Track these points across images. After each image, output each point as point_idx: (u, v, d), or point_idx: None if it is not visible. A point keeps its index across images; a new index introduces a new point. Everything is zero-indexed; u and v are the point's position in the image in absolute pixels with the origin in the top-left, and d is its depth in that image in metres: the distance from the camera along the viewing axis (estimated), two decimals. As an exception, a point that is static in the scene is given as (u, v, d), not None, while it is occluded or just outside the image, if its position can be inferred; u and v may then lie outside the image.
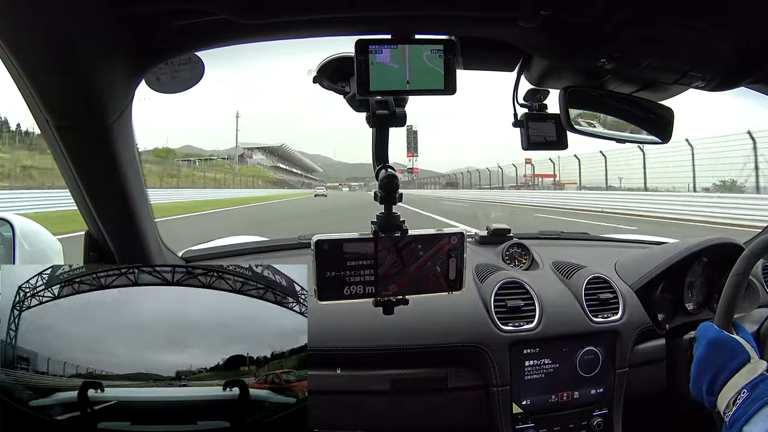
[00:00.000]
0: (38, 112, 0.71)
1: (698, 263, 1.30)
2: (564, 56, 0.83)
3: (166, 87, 0.80)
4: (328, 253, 0.70)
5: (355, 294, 0.72)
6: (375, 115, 0.73)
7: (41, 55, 0.63)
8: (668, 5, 0.69)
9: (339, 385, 1.08)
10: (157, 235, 1.06)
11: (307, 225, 10.92)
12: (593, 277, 1.24)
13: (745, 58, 0.80)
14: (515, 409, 1.10)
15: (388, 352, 1.08)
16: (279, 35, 0.76)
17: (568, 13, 0.68)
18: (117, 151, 0.79)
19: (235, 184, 46.41)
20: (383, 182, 0.70)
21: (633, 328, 1.19)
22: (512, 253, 1.43)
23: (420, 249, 0.73)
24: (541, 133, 0.92)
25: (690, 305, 1.30)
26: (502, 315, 1.14)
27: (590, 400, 1.15)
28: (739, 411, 0.72)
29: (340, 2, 0.68)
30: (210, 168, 53.39)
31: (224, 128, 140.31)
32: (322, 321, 1.06)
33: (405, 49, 0.69)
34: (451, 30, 0.76)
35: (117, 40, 0.67)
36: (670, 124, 0.97)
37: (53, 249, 1.11)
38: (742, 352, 0.78)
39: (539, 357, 1.12)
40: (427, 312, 1.09)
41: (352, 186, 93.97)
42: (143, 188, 0.92)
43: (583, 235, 1.78)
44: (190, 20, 0.69)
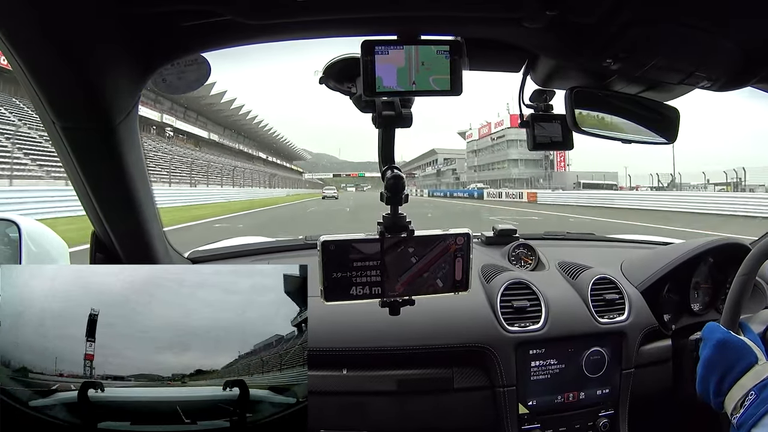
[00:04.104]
0: (44, 114, 0.72)
1: (704, 264, 1.30)
2: (570, 57, 0.82)
3: (173, 88, 0.80)
4: (334, 253, 0.70)
5: (361, 295, 0.72)
6: (381, 116, 0.73)
7: (47, 56, 0.63)
8: (674, 5, 0.69)
9: (345, 386, 1.08)
10: (163, 235, 1.06)
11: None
12: (599, 278, 1.24)
13: (751, 57, 0.80)
14: (521, 410, 1.10)
15: (395, 352, 1.08)
16: (285, 36, 0.76)
17: (574, 14, 0.68)
18: (123, 152, 0.80)
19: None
20: (389, 183, 0.70)
21: (639, 328, 1.19)
22: (518, 253, 1.43)
23: (426, 250, 0.73)
24: (546, 133, 0.92)
25: (696, 306, 1.30)
26: (508, 315, 1.14)
27: (596, 401, 1.15)
28: (747, 413, 0.72)
29: (347, 3, 0.68)
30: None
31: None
32: (328, 322, 1.06)
33: (411, 49, 0.69)
34: (456, 31, 0.76)
35: (123, 41, 0.67)
36: (676, 125, 0.96)
37: (59, 250, 1.11)
38: (749, 353, 0.78)
39: (545, 357, 1.12)
40: (433, 312, 1.09)
41: (359, 186, 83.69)
42: (149, 189, 0.92)
43: (589, 236, 1.78)
44: (196, 21, 0.69)
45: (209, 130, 51.12)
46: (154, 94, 28.71)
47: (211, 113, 49.37)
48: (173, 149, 35.52)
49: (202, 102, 43.45)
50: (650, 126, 0.95)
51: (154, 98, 36.50)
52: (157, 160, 27.56)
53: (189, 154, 36.82)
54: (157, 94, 29.53)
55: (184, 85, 0.80)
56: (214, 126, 53.29)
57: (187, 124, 45.54)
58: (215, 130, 53.26)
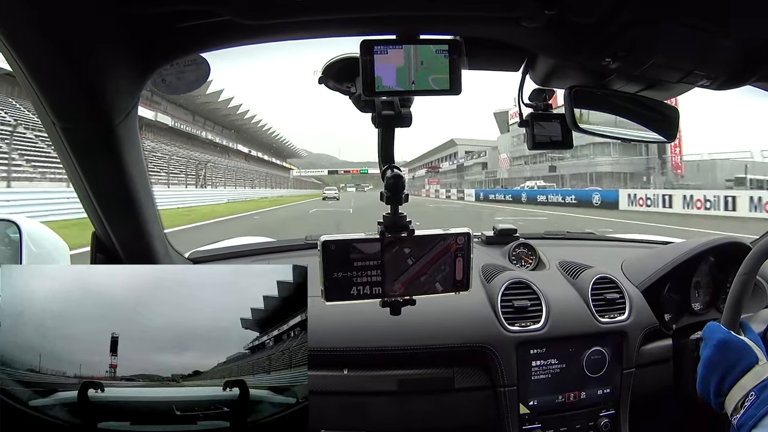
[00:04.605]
0: (44, 115, 0.72)
1: (705, 263, 1.30)
2: (569, 56, 0.82)
3: (172, 88, 0.80)
4: (334, 253, 0.70)
5: (362, 294, 0.72)
6: (381, 115, 0.73)
7: (47, 57, 0.63)
8: (673, 4, 0.69)
9: (346, 386, 1.08)
10: (163, 236, 1.06)
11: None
12: (600, 277, 1.23)
13: (751, 56, 0.80)
14: (522, 410, 1.10)
15: (395, 352, 1.08)
16: (284, 36, 0.76)
17: (573, 13, 0.68)
18: (123, 152, 0.80)
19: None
20: (389, 182, 0.70)
21: (639, 328, 1.18)
22: (519, 253, 1.43)
23: (427, 249, 0.73)
24: (546, 132, 0.92)
25: (697, 305, 1.30)
26: (508, 315, 1.13)
27: (597, 401, 1.15)
28: (747, 414, 0.72)
29: (345, 3, 0.68)
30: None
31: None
32: (329, 322, 1.06)
33: (410, 49, 0.69)
34: (455, 30, 0.76)
35: (123, 41, 0.68)
36: (676, 123, 0.96)
37: (59, 250, 1.11)
38: (750, 354, 0.77)
39: (546, 357, 1.12)
40: (434, 312, 1.09)
41: (360, 185, 78.95)
42: (149, 189, 0.93)
43: (590, 235, 1.78)
44: (195, 21, 0.69)
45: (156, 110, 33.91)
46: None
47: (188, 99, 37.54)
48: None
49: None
50: (649, 124, 0.95)
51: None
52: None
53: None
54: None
55: (183, 85, 0.80)
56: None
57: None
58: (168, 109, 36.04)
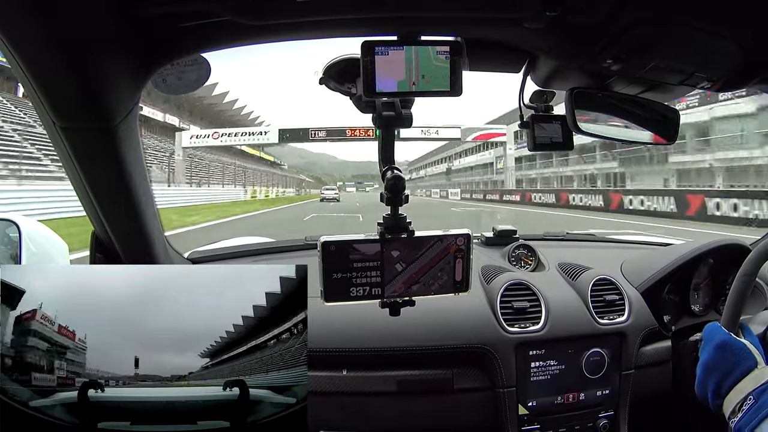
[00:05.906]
0: (44, 114, 0.72)
1: (704, 264, 1.30)
2: (570, 57, 0.82)
3: (173, 88, 0.80)
4: (334, 254, 0.70)
5: (361, 295, 0.72)
6: (381, 116, 0.72)
7: (47, 57, 0.63)
8: (674, 6, 0.69)
9: (345, 387, 1.08)
10: (163, 236, 1.06)
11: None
12: (599, 279, 1.23)
13: (752, 58, 0.80)
14: (521, 411, 1.10)
15: (394, 353, 1.08)
16: (285, 36, 0.76)
17: (574, 15, 0.68)
18: (123, 152, 0.80)
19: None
20: (389, 183, 0.70)
21: (639, 329, 1.18)
22: (518, 254, 1.43)
23: (426, 250, 0.73)
24: (547, 134, 0.92)
25: (696, 307, 1.30)
26: (508, 316, 1.13)
27: (596, 402, 1.15)
28: (745, 418, 0.71)
29: (346, 4, 0.68)
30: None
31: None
32: (328, 322, 1.06)
33: (411, 50, 0.69)
34: (456, 31, 0.76)
35: (123, 41, 0.67)
36: (676, 126, 0.96)
37: (59, 250, 1.11)
38: (749, 357, 0.77)
39: (545, 358, 1.12)
40: (433, 313, 1.09)
41: (361, 185, 78.50)
42: (149, 189, 0.92)
43: (589, 237, 1.78)
44: (195, 22, 0.69)
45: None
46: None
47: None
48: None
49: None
50: (650, 127, 0.95)
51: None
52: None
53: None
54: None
55: (184, 85, 0.80)
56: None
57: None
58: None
